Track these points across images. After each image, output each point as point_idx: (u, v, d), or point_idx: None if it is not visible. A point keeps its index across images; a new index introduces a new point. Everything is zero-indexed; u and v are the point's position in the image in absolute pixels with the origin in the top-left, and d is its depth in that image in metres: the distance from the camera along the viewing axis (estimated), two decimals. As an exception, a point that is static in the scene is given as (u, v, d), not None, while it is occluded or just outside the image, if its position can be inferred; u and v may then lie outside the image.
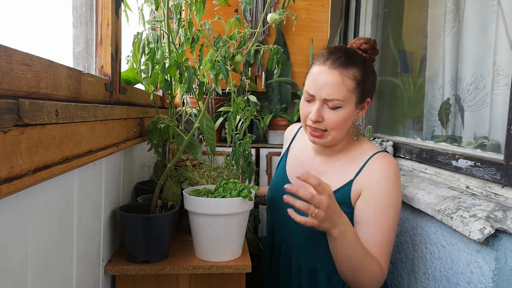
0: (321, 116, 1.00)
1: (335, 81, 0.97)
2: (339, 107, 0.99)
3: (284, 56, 1.09)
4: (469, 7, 1.37)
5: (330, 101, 0.98)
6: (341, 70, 0.98)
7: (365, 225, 0.99)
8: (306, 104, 1.04)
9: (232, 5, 1.07)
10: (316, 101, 1.00)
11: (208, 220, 0.97)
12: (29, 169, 0.53)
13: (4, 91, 0.49)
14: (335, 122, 1.00)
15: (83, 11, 0.94)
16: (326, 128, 1.02)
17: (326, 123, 1.01)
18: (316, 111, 1.00)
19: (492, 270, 0.84)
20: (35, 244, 0.60)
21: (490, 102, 1.25)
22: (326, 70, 0.99)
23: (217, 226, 0.97)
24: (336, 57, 1.00)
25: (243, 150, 1.32)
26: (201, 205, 0.97)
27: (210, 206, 0.96)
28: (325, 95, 0.98)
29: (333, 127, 1.01)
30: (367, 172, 1.02)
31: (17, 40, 0.69)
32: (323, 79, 0.99)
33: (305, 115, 1.04)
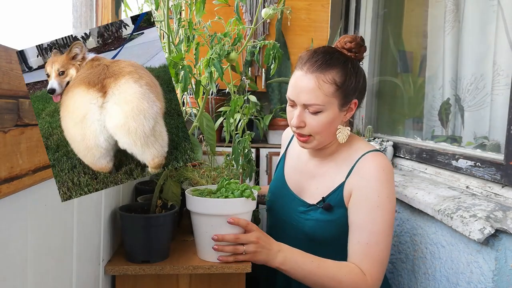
0: (303, 121, 0.99)
1: (312, 86, 0.95)
2: (319, 112, 0.97)
3: (281, 52, 1.09)
4: (469, 7, 1.37)
5: (310, 106, 0.97)
6: (318, 75, 0.95)
7: (353, 227, 0.97)
8: (290, 109, 1.03)
9: (232, 5, 1.06)
10: (297, 106, 0.99)
11: (211, 221, 0.95)
12: (29, 169, 0.53)
13: (4, 91, 0.49)
14: (316, 126, 0.98)
15: (83, 11, 0.94)
16: (310, 133, 1.01)
17: (308, 128, 0.99)
18: (296, 116, 0.99)
19: (492, 270, 0.84)
20: (35, 244, 0.60)
21: (490, 102, 1.25)
22: (303, 75, 0.97)
23: (220, 227, 0.95)
24: (314, 60, 0.97)
25: (242, 148, 1.32)
26: (203, 206, 0.95)
27: (213, 207, 0.94)
28: (303, 101, 0.97)
29: (316, 131, 0.99)
30: (357, 172, 1.00)
31: (17, 40, 0.69)
32: (300, 84, 0.97)
33: (289, 120, 1.04)
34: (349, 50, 1.03)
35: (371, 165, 0.98)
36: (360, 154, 1.02)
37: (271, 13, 1.07)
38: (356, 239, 0.95)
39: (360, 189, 0.98)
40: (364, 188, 0.97)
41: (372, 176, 0.97)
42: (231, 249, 0.92)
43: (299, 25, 2.22)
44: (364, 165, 1.00)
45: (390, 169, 0.99)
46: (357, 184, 0.99)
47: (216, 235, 0.91)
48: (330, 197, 1.02)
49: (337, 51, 1.02)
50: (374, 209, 0.95)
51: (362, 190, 0.97)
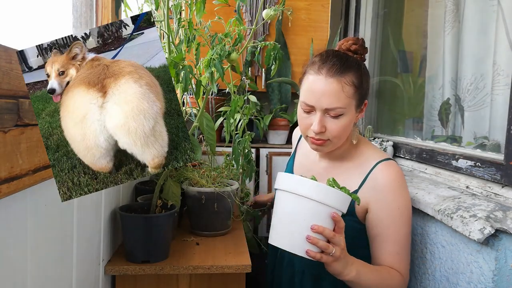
0: (324, 126, 0.97)
1: (335, 89, 0.95)
2: (341, 115, 0.97)
3: (281, 52, 1.09)
4: (469, 7, 1.37)
5: (331, 110, 0.96)
6: (339, 78, 0.95)
7: (379, 240, 1.00)
8: (305, 115, 1.00)
9: (232, 5, 1.06)
10: (316, 111, 0.97)
11: (315, 208, 0.84)
12: (29, 169, 0.53)
13: (4, 91, 0.49)
14: (337, 130, 0.98)
15: (83, 11, 0.94)
16: (328, 138, 0.99)
17: (329, 132, 0.98)
18: (318, 122, 0.97)
19: (492, 270, 0.84)
20: (35, 244, 0.60)
21: (490, 102, 1.25)
22: (323, 79, 0.96)
23: (320, 217, 0.85)
24: (331, 64, 0.97)
25: (242, 148, 1.32)
26: (314, 189, 0.83)
27: (326, 194, 0.84)
28: (326, 105, 0.95)
29: (335, 135, 0.99)
30: (371, 185, 1.01)
31: (17, 40, 0.69)
32: (321, 88, 0.96)
33: (306, 126, 1.01)
34: (355, 52, 1.04)
35: (386, 178, 1.00)
36: (372, 163, 1.03)
37: (272, 14, 1.07)
38: (385, 250, 0.99)
39: (379, 203, 0.99)
40: (382, 202, 0.99)
41: (389, 189, 0.99)
42: (324, 245, 0.83)
43: (299, 25, 2.22)
44: (378, 178, 1.00)
45: (403, 177, 1.02)
46: (374, 198, 1.00)
47: (317, 226, 0.82)
48: None
49: (348, 54, 1.03)
50: (396, 220, 0.98)
51: (381, 205, 0.99)
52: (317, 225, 0.82)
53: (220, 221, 1.24)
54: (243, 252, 1.10)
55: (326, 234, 0.83)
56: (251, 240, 1.42)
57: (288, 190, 0.86)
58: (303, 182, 0.85)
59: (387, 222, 0.99)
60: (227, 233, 1.27)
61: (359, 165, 1.06)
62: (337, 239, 0.84)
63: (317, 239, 0.83)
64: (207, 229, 1.23)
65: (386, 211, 0.99)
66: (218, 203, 1.20)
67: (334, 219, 0.84)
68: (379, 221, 1.00)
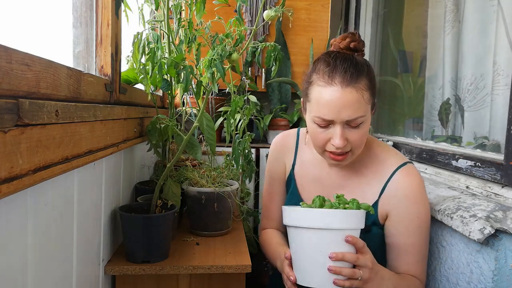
0: (346, 139, 0.90)
1: (355, 99, 0.87)
2: (361, 123, 0.90)
3: (282, 53, 1.08)
4: (469, 7, 1.37)
5: (353, 121, 0.88)
6: (355, 85, 0.87)
7: (398, 249, 0.97)
8: (321, 130, 0.91)
9: (232, 5, 1.06)
10: (336, 125, 0.89)
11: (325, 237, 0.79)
12: (29, 169, 0.53)
13: (4, 91, 0.49)
14: (359, 140, 0.91)
15: (83, 11, 0.94)
16: (350, 149, 0.92)
17: (350, 143, 0.91)
18: (340, 136, 0.89)
19: (492, 270, 0.84)
20: (35, 244, 0.60)
21: (490, 102, 1.25)
22: (339, 90, 0.87)
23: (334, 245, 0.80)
24: (343, 71, 0.88)
25: (242, 149, 1.31)
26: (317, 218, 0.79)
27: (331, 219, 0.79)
28: (347, 117, 0.87)
29: (358, 145, 0.92)
30: (391, 193, 0.97)
31: (17, 40, 0.69)
32: (340, 101, 0.87)
33: (323, 142, 0.92)
34: (355, 49, 0.96)
35: (407, 187, 0.96)
36: (390, 170, 0.98)
37: (273, 15, 1.07)
38: (404, 261, 0.96)
39: (399, 212, 0.96)
40: (402, 212, 0.95)
41: (410, 199, 0.95)
42: (349, 272, 0.78)
43: (299, 25, 2.22)
44: (399, 187, 0.96)
45: (423, 183, 0.98)
46: (394, 207, 0.96)
47: (335, 253, 0.77)
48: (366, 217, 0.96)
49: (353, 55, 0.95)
50: (416, 230, 0.95)
51: (401, 214, 0.96)
52: (335, 253, 0.78)
53: (220, 221, 1.24)
54: (243, 252, 1.10)
55: (348, 259, 0.78)
56: (251, 240, 1.42)
57: (295, 225, 0.82)
58: (305, 214, 0.80)
59: (407, 233, 0.95)
60: (227, 233, 1.27)
61: (376, 171, 1.00)
62: (361, 261, 0.79)
63: (340, 268, 0.78)
64: (207, 229, 1.23)
65: (407, 222, 0.95)
66: (218, 203, 1.20)
67: (349, 242, 0.79)
68: (398, 232, 0.96)
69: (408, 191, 0.95)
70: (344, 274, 0.78)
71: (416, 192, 0.96)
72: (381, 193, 0.98)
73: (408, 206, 0.95)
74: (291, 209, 0.84)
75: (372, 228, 0.99)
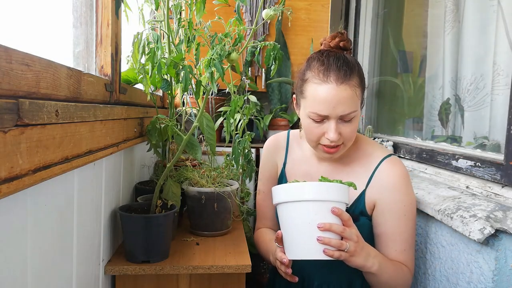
0: (340, 133, 0.96)
1: (349, 96, 0.93)
2: (353, 118, 0.96)
3: (281, 52, 1.08)
4: (469, 7, 1.37)
5: (346, 116, 0.94)
6: (348, 82, 0.93)
7: (385, 237, 1.00)
8: (316, 125, 0.97)
9: (232, 5, 1.06)
10: (330, 120, 0.95)
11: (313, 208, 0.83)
12: (29, 169, 0.53)
13: (4, 91, 0.49)
14: (350, 133, 0.97)
15: (83, 11, 0.94)
16: (343, 142, 0.98)
17: (343, 137, 0.97)
18: (335, 130, 0.94)
19: (492, 270, 0.84)
20: (35, 244, 0.60)
21: (490, 102, 1.25)
22: (334, 87, 0.92)
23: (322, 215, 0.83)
24: (336, 69, 0.94)
25: (242, 149, 1.31)
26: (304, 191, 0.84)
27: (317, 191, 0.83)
28: (341, 112, 0.93)
29: (349, 138, 0.98)
30: (377, 183, 1.01)
31: (17, 40, 0.69)
32: (335, 97, 0.92)
33: (318, 136, 0.98)
34: (345, 48, 1.02)
35: (391, 175, 1.00)
36: (376, 161, 1.03)
37: (272, 14, 1.06)
38: (392, 249, 0.99)
39: (385, 201, 1.00)
40: (388, 200, 0.99)
41: (395, 187, 0.99)
42: (336, 243, 0.82)
43: (299, 25, 2.22)
44: (384, 176, 1.01)
45: (407, 174, 1.02)
46: (380, 196, 1.00)
47: (323, 223, 0.81)
48: (353, 206, 1.03)
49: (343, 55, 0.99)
50: (401, 218, 0.98)
51: (387, 202, 1.00)
52: (323, 223, 0.81)
53: (220, 221, 1.24)
54: (243, 252, 1.10)
55: (334, 229, 0.82)
56: (250, 240, 1.42)
57: (283, 201, 0.86)
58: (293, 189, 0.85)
59: (393, 221, 0.99)
60: (227, 233, 1.27)
61: (363, 164, 1.05)
62: (347, 233, 0.83)
63: (329, 238, 0.81)
64: (207, 229, 1.23)
65: (393, 210, 0.99)
66: (218, 203, 1.20)
67: (335, 214, 0.83)
68: (385, 220, 1.00)
69: (393, 179, 0.99)
70: (333, 245, 0.81)
71: (400, 181, 0.99)
72: (367, 183, 1.02)
73: (393, 194, 0.99)
74: (278, 188, 0.88)
75: (360, 218, 1.02)
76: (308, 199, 0.83)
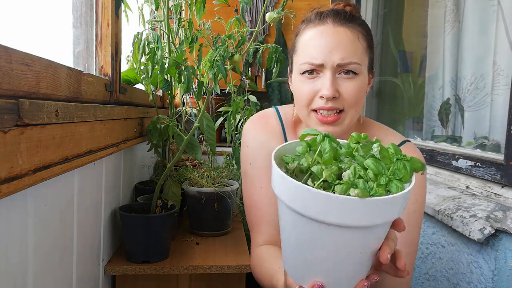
0: (337, 90, 0.74)
1: (349, 38, 0.74)
2: (356, 74, 0.75)
3: (283, 55, 1.09)
4: (469, 7, 1.37)
5: (345, 66, 0.74)
6: (349, 25, 0.75)
7: None
8: (308, 81, 0.76)
9: (232, 5, 1.06)
10: (325, 71, 0.75)
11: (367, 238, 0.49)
12: (29, 169, 0.53)
13: (4, 91, 0.49)
14: (353, 94, 0.75)
15: (83, 11, 0.94)
16: (343, 107, 0.76)
17: (343, 98, 0.75)
18: (331, 83, 0.73)
19: (492, 270, 0.84)
20: (35, 244, 0.60)
21: (490, 102, 1.25)
22: (331, 28, 0.75)
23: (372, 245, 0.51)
24: (336, 14, 0.77)
25: (243, 150, 1.31)
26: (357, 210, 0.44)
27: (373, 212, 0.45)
28: (339, 60, 0.73)
29: (351, 102, 0.75)
30: None
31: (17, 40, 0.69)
32: (331, 39, 0.74)
33: (310, 96, 0.76)
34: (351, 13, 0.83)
35: None
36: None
37: (276, 17, 1.06)
38: None
39: None
40: None
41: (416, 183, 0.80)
42: None
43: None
44: None
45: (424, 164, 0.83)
46: None
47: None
48: None
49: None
50: (411, 214, 0.79)
51: None
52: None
53: (220, 221, 1.24)
54: (243, 252, 1.10)
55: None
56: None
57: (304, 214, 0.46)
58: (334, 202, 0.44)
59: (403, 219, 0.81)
60: (227, 233, 1.27)
61: None
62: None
63: None
64: (207, 229, 1.23)
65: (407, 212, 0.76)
66: (218, 203, 1.20)
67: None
68: None
69: None
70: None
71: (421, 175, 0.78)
72: None
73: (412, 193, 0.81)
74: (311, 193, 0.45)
75: None
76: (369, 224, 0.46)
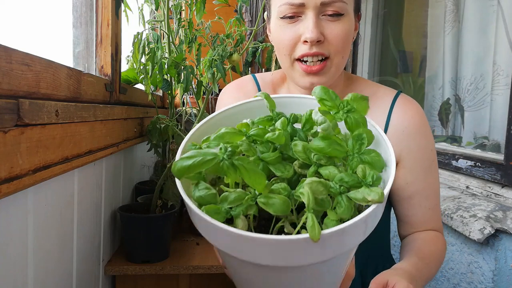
0: (321, 33, 0.67)
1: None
2: (341, 15, 0.68)
3: None
4: (469, 7, 1.37)
5: (329, 5, 0.67)
6: None
7: (418, 197, 0.78)
8: (289, 26, 0.69)
9: (232, 5, 1.06)
10: (307, 12, 0.67)
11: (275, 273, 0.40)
12: (29, 169, 0.53)
13: (4, 91, 0.49)
14: (340, 37, 0.68)
15: (83, 11, 0.94)
16: (328, 53, 0.69)
17: (328, 42, 0.68)
18: (314, 24, 0.66)
19: (492, 270, 0.84)
20: (35, 244, 0.60)
21: (490, 102, 1.25)
22: None
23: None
24: None
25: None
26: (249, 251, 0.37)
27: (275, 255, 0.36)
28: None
29: (338, 47, 0.69)
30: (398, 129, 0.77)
31: (17, 40, 0.69)
32: None
33: (292, 41, 0.69)
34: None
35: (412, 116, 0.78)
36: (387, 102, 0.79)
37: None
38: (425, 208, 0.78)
39: (412, 149, 0.77)
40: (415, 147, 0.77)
41: (420, 130, 0.78)
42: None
43: (299, 25, 2.21)
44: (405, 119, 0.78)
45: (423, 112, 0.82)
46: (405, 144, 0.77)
47: None
48: None
49: None
50: (430, 166, 0.78)
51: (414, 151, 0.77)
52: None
53: (220, 221, 1.24)
54: (243, 252, 1.10)
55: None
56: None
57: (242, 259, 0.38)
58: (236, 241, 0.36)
59: (424, 173, 0.77)
60: (227, 233, 1.27)
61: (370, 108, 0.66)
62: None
63: None
64: (207, 229, 1.23)
65: (422, 159, 0.77)
66: (218, 203, 1.20)
67: None
68: (416, 175, 0.77)
69: (414, 121, 0.78)
70: None
71: (422, 121, 0.79)
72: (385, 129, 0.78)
73: (419, 139, 0.77)
74: (209, 224, 0.36)
75: None
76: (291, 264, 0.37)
